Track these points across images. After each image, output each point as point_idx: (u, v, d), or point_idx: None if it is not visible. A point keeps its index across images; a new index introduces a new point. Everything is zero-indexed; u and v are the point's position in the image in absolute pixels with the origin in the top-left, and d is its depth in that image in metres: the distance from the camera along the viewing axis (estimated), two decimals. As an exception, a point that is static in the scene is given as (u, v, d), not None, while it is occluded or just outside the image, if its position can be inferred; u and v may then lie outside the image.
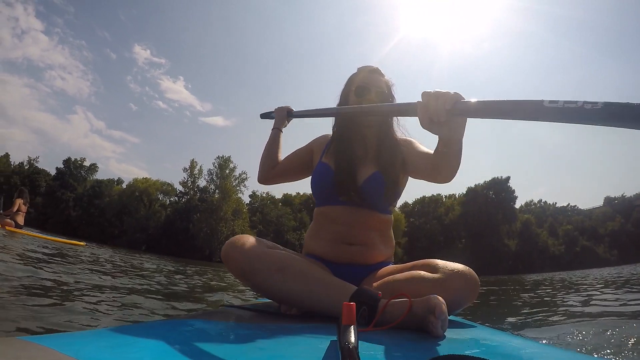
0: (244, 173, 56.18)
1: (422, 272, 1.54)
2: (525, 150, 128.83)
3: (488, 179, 65.22)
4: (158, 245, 47.87)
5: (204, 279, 8.45)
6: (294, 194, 66.98)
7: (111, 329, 1.10)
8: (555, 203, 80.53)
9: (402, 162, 1.94)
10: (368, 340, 1.01)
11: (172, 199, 57.38)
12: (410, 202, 73.21)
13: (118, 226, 52.53)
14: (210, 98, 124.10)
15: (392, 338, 1.11)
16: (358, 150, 1.97)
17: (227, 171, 55.11)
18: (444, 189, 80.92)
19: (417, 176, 1.88)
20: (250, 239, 1.58)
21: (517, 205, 69.04)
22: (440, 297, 1.22)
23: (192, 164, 56.28)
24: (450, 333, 1.22)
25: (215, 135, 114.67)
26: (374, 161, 1.93)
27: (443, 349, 1.01)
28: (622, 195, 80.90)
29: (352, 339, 0.82)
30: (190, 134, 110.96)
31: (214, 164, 55.83)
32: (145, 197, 54.08)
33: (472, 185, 68.97)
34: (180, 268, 13.08)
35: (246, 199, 59.83)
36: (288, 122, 2.34)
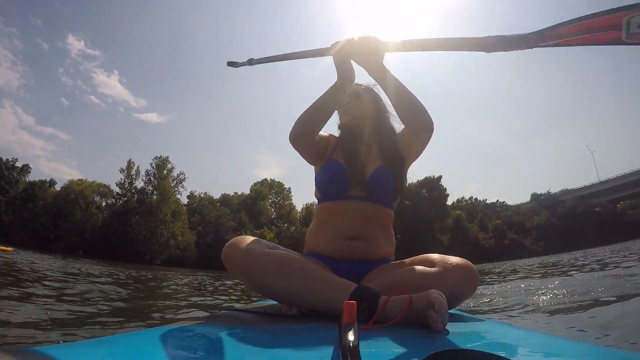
0: (182, 173, 56.02)
1: (421, 267, 1.55)
2: (458, 150, 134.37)
3: (421, 178, 67.40)
4: (95, 249, 46.36)
5: (182, 285, 8.36)
6: (232, 194, 66.90)
7: (112, 337, 1.09)
8: (486, 199, 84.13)
9: (401, 154, 2.01)
10: (369, 338, 1.03)
11: (109, 201, 55.66)
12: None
13: (53, 231, 50.19)
14: (145, 94, 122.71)
15: (392, 334, 1.11)
16: (363, 146, 2.03)
17: (165, 172, 54.49)
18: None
19: (408, 149, 1.97)
20: (249, 240, 1.58)
21: (449, 202, 71.92)
22: (439, 292, 1.23)
23: (129, 165, 55.20)
24: (451, 327, 1.24)
25: (150, 132, 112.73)
26: (379, 156, 1.98)
27: (444, 343, 1.03)
28: (548, 191, 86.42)
29: (353, 337, 0.83)
30: (124, 130, 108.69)
31: (151, 164, 54.96)
32: (82, 200, 51.96)
33: (407, 184, 69.19)
34: (143, 274, 13.02)
35: (184, 200, 59.07)
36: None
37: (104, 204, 55.42)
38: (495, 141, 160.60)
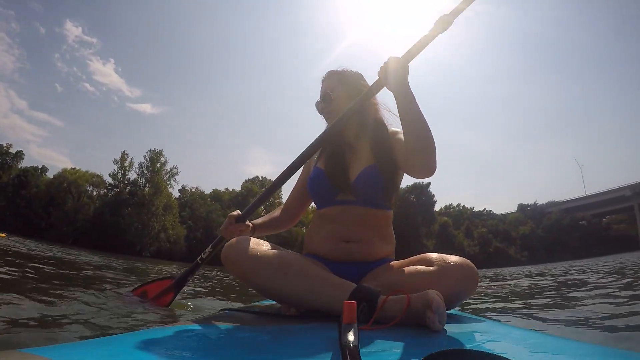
0: (175, 167, 56.10)
1: (420, 267, 1.55)
2: (449, 157, 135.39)
3: (410, 183, 68.17)
4: (86, 239, 46.42)
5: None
6: (223, 189, 67.10)
7: (112, 337, 1.10)
8: (473, 207, 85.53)
9: (393, 152, 1.91)
10: (368, 338, 1.03)
11: (101, 192, 55.35)
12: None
13: (45, 218, 50.04)
14: (140, 84, 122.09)
15: (391, 334, 1.11)
16: (347, 148, 1.98)
17: (159, 165, 54.64)
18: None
19: (402, 169, 1.89)
20: (250, 241, 1.57)
21: (437, 209, 72.57)
22: (437, 291, 1.24)
23: (123, 156, 55.21)
24: (450, 327, 1.25)
25: (143, 123, 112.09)
26: (369, 155, 1.91)
27: (444, 343, 1.04)
28: (535, 202, 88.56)
29: (353, 337, 0.84)
30: (117, 120, 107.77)
31: (145, 157, 54.96)
32: (74, 189, 51.98)
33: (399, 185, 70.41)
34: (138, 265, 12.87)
35: (175, 194, 58.91)
36: (245, 229, 2.02)
37: (95, 194, 55.33)
38: (486, 150, 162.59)
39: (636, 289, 4.85)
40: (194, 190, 64.26)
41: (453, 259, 1.53)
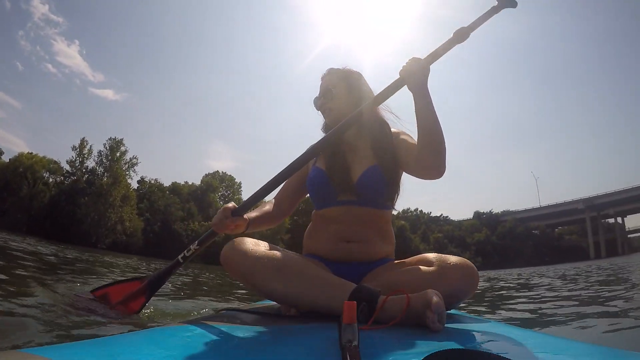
0: (135, 157, 54.48)
1: (420, 267, 1.56)
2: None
3: None
4: (40, 228, 44.43)
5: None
6: (182, 182, 65.32)
7: (112, 337, 1.09)
8: (430, 212, 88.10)
9: (395, 152, 1.90)
10: (368, 338, 1.02)
11: (57, 179, 52.75)
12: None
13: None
14: (103, 68, 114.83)
15: (391, 334, 1.13)
16: (347, 148, 1.95)
17: (119, 154, 52.94)
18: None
19: (407, 170, 1.87)
20: (249, 241, 1.56)
21: (395, 212, 73.94)
22: (436, 291, 1.25)
23: (82, 143, 53.25)
24: (451, 327, 1.27)
25: (104, 109, 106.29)
26: (371, 155, 1.89)
27: (442, 343, 1.02)
28: (490, 211, 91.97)
29: (353, 337, 0.85)
30: (78, 104, 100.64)
31: (105, 145, 53.13)
32: (30, 175, 49.54)
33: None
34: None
35: (134, 185, 56.93)
36: (242, 224, 1.85)
37: (51, 181, 52.85)
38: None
39: (628, 293, 4.96)
40: (153, 182, 62.24)
41: (453, 259, 1.55)
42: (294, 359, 0.90)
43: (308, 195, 2.07)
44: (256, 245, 1.56)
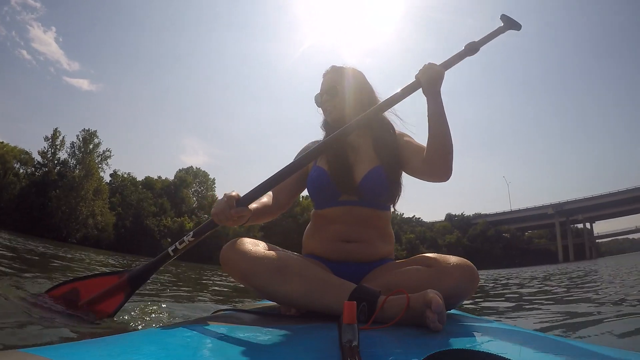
0: (108, 150, 52.91)
1: (420, 267, 1.56)
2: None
3: None
4: (9, 220, 42.85)
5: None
6: (155, 177, 64.08)
7: (112, 337, 1.08)
8: (402, 214, 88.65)
9: (399, 154, 1.91)
10: (368, 338, 1.03)
11: (28, 170, 50.69)
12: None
13: None
14: (80, 57, 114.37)
15: (391, 334, 1.13)
16: (350, 149, 1.92)
17: (92, 146, 51.56)
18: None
19: (412, 172, 1.88)
20: (249, 242, 1.56)
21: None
22: (436, 291, 1.25)
23: (55, 133, 51.48)
24: (451, 327, 1.27)
25: (78, 99, 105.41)
26: (373, 155, 1.89)
27: (444, 343, 1.05)
28: (462, 213, 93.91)
29: (353, 337, 0.85)
30: (51, 93, 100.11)
31: (78, 136, 51.61)
32: (0, 165, 47.11)
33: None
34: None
35: (107, 178, 56.11)
36: (246, 215, 1.66)
37: (22, 171, 50.84)
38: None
39: (622, 293, 5.03)
40: (125, 176, 61.04)
41: (453, 259, 1.55)
42: (294, 359, 0.90)
43: (304, 193, 2.09)
44: (256, 246, 1.56)
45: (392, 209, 1.98)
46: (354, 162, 1.87)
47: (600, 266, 18.48)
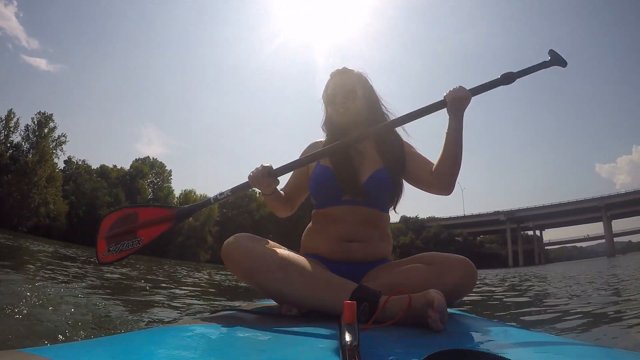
0: (64, 135, 50.97)
1: (420, 266, 1.57)
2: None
3: None
4: None
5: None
6: (111, 166, 62.71)
7: (112, 337, 1.08)
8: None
9: (404, 160, 1.95)
10: (369, 338, 1.02)
11: None
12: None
13: None
14: (40, 35, 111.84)
15: (392, 334, 1.13)
16: (355, 149, 1.93)
17: (47, 130, 49.49)
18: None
19: (417, 183, 1.94)
20: (250, 239, 1.56)
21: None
22: (438, 291, 1.25)
23: (9, 115, 48.83)
24: (450, 326, 1.26)
25: (35, 80, 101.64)
26: (377, 158, 1.92)
27: (444, 343, 1.04)
28: (416, 216, 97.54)
29: (353, 337, 0.84)
30: (6, 71, 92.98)
31: (33, 119, 49.36)
32: None
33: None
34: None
35: (61, 165, 54.09)
36: (274, 184, 1.91)
37: None
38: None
39: (619, 294, 5.12)
40: (80, 163, 59.30)
41: (452, 257, 1.56)
42: (294, 359, 0.89)
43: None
44: (257, 243, 1.56)
45: (393, 211, 2.01)
46: (359, 162, 1.89)
47: (549, 272, 19.47)
